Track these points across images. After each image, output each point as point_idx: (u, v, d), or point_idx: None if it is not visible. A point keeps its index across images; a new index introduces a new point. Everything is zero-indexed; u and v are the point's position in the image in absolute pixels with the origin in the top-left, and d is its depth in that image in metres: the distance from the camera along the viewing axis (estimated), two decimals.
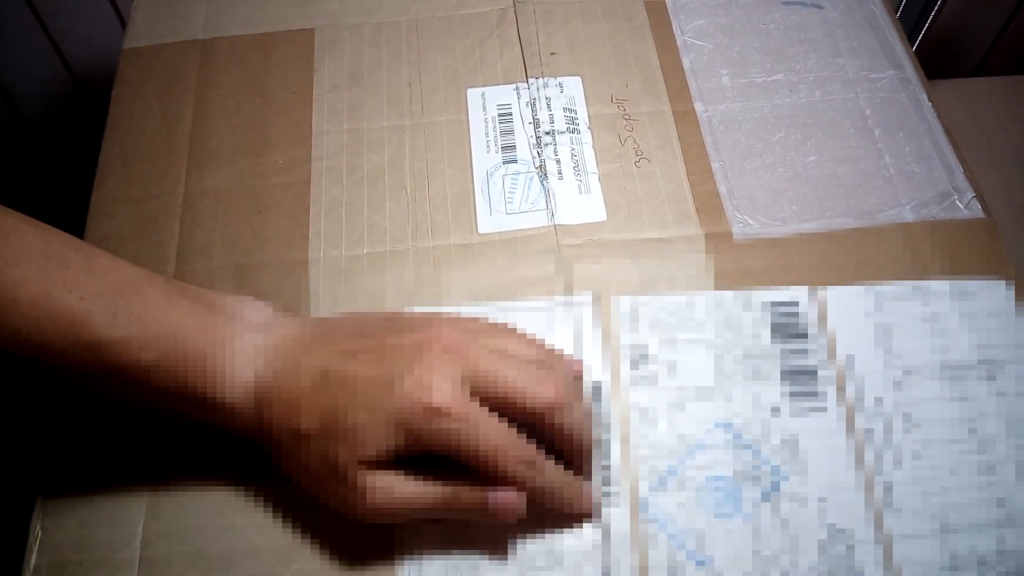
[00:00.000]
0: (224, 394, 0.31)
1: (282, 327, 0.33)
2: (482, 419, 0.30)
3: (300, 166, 0.43)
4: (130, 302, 0.30)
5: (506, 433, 0.30)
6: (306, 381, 0.31)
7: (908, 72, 0.46)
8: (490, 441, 0.30)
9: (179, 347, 0.30)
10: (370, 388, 0.30)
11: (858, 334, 0.37)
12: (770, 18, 0.48)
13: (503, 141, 0.43)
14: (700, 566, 0.33)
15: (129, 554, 0.33)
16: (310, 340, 0.32)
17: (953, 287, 0.38)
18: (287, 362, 0.31)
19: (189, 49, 0.47)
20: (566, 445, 0.32)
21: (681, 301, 0.38)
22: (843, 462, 0.35)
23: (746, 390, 0.36)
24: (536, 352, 0.33)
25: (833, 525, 0.33)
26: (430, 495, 0.31)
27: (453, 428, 0.29)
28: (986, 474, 0.34)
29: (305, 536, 0.33)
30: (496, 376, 0.30)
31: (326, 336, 0.33)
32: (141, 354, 0.30)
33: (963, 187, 0.41)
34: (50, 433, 0.36)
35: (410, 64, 0.46)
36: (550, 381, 0.31)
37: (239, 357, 0.31)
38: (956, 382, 0.36)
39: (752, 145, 0.43)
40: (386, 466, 0.30)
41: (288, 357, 0.31)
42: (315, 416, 0.30)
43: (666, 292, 0.38)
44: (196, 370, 0.31)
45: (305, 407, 0.30)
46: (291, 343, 0.32)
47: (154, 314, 0.30)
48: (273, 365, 0.31)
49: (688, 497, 0.34)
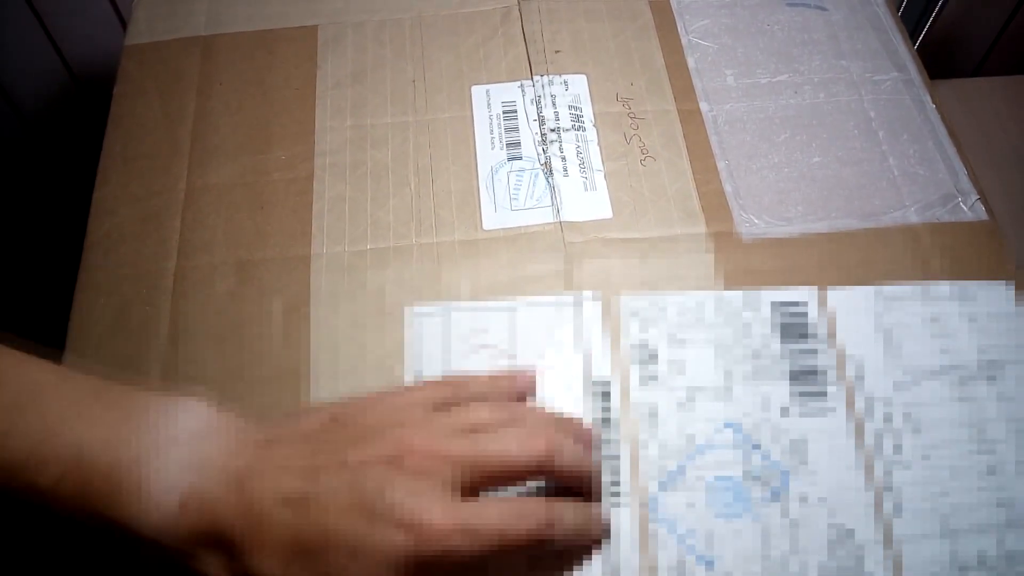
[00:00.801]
0: (140, 521, 0.25)
1: (220, 435, 0.27)
2: (480, 520, 0.26)
3: (303, 162, 0.42)
4: (27, 416, 0.26)
5: (511, 513, 0.27)
6: (257, 509, 0.25)
7: (912, 74, 0.46)
8: (497, 532, 0.26)
9: (82, 465, 0.25)
10: (348, 523, 0.25)
11: (864, 335, 0.37)
12: (774, 19, 0.48)
13: (508, 138, 0.43)
14: (707, 566, 0.32)
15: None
16: (255, 454, 0.27)
17: (956, 289, 0.38)
18: (227, 484, 0.26)
19: (191, 46, 0.47)
20: (574, 482, 0.30)
21: (689, 301, 0.38)
22: (848, 463, 0.34)
23: (754, 390, 0.36)
24: (498, 402, 0.31)
25: (838, 525, 0.33)
26: None
27: (455, 545, 0.25)
28: (990, 475, 0.34)
29: None
30: (479, 462, 0.27)
31: (274, 449, 0.27)
32: (38, 477, 0.25)
33: (967, 189, 0.41)
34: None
35: (414, 61, 0.46)
36: (534, 437, 0.28)
37: (158, 477, 0.25)
38: (961, 384, 0.36)
39: (757, 145, 0.43)
40: None
41: (228, 477, 0.26)
42: (276, 556, 0.25)
43: (674, 291, 0.38)
44: (101, 492, 0.25)
45: (260, 543, 0.25)
46: (231, 458, 0.26)
47: (53, 429, 0.25)
48: (208, 488, 0.26)
49: (696, 497, 0.34)
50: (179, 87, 0.45)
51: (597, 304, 0.38)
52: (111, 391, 0.27)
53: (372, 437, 0.27)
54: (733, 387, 0.36)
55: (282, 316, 0.38)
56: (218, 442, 0.27)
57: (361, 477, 0.26)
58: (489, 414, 0.29)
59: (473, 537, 0.26)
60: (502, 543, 0.26)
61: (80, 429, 0.26)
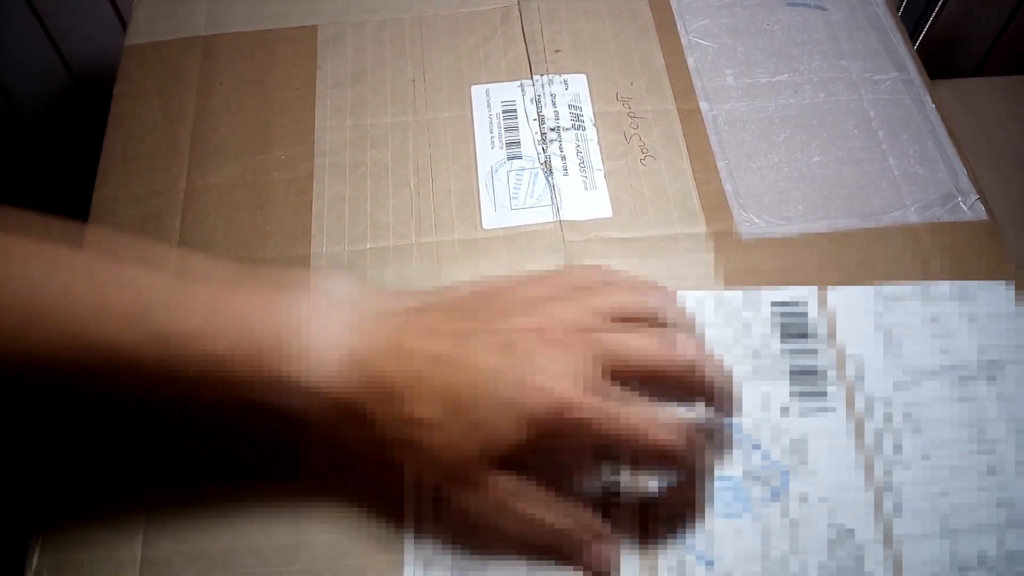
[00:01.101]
0: (309, 378, 0.28)
1: (370, 302, 0.29)
2: (614, 406, 0.27)
3: (303, 162, 0.42)
4: (194, 292, 0.27)
5: (652, 417, 0.28)
6: (416, 366, 0.28)
7: (912, 74, 0.46)
8: (633, 429, 0.27)
9: (253, 331, 0.27)
10: (495, 379, 0.27)
11: (864, 335, 0.37)
12: (774, 19, 0.48)
13: (507, 137, 0.43)
14: (707, 566, 0.32)
15: (131, 553, 0.33)
16: (407, 319, 0.29)
17: (955, 289, 0.38)
18: (386, 343, 0.28)
19: (191, 46, 0.47)
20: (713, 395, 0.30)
21: (689, 300, 0.38)
22: (849, 462, 0.34)
23: (754, 390, 0.36)
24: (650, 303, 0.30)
25: (839, 525, 0.33)
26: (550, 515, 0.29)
27: (587, 420, 0.27)
28: (990, 475, 0.34)
29: (308, 535, 0.33)
30: (628, 353, 0.28)
31: (425, 315, 0.29)
32: (213, 345, 0.27)
33: (967, 189, 0.41)
34: (52, 433, 0.35)
35: (414, 61, 0.46)
36: (687, 342, 0.29)
37: (322, 337, 0.28)
38: (961, 383, 0.36)
39: (757, 145, 0.43)
40: (510, 466, 0.28)
41: (386, 337, 0.28)
42: (434, 405, 0.28)
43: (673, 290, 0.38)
44: (272, 355, 0.27)
45: (419, 394, 0.28)
46: (385, 321, 0.29)
47: (220, 302, 0.27)
48: (368, 346, 0.28)
49: (696, 499, 0.34)
50: (179, 87, 0.45)
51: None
52: (260, 270, 0.29)
53: (521, 309, 0.29)
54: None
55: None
56: (373, 307, 0.29)
57: (510, 342, 0.28)
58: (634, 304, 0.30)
59: (611, 422, 0.27)
60: (633, 439, 0.28)
61: (245, 301, 0.28)
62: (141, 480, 0.34)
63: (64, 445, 0.35)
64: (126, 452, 0.34)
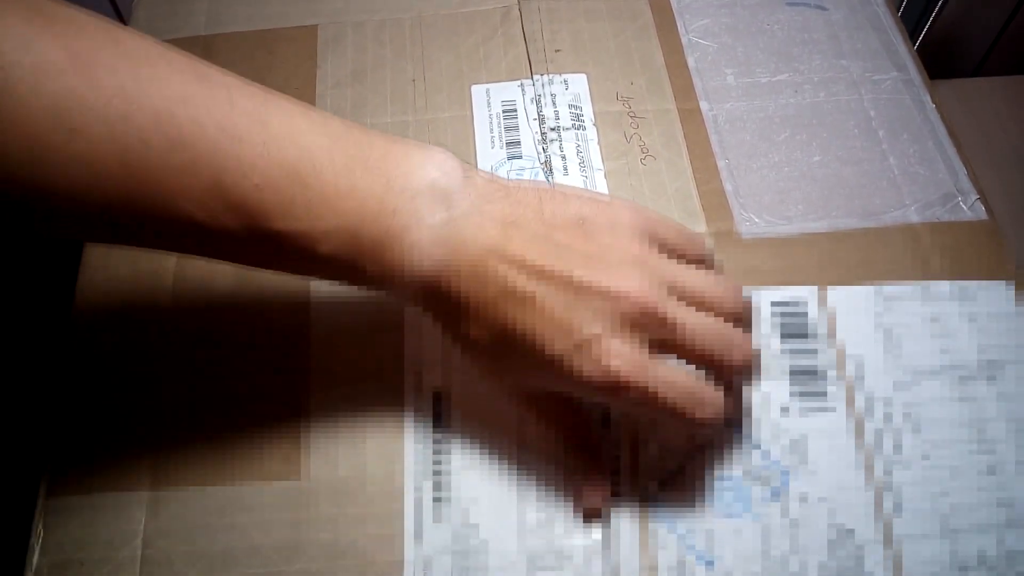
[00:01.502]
0: (398, 283, 0.30)
1: (465, 205, 0.30)
2: (661, 383, 0.29)
3: None
4: (307, 187, 0.28)
5: (691, 394, 0.29)
6: (489, 292, 0.29)
7: (911, 74, 0.46)
8: (671, 406, 0.29)
9: (356, 238, 0.29)
10: (552, 335, 0.29)
11: (865, 334, 0.37)
12: (774, 19, 0.48)
13: (508, 137, 0.43)
14: (708, 566, 0.32)
15: (130, 552, 0.33)
16: (496, 238, 0.29)
17: (955, 288, 0.38)
18: (468, 265, 0.29)
19: (191, 46, 0.47)
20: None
21: None
22: (849, 462, 0.34)
23: (754, 390, 0.36)
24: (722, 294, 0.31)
25: (839, 525, 0.33)
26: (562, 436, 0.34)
27: (632, 398, 0.29)
28: (991, 475, 0.34)
29: (308, 535, 0.33)
30: (686, 339, 0.29)
31: (514, 234, 0.30)
32: (317, 246, 0.29)
33: (967, 189, 0.41)
34: (52, 431, 0.35)
35: (414, 61, 0.46)
36: (743, 345, 0.30)
37: (416, 249, 0.29)
38: (961, 383, 0.36)
39: (757, 144, 0.43)
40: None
41: (472, 260, 0.29)
42: (494, 337, 0.30)
43: None
44: (371, 259, 0.29)
45: (485, 321, 0.29)
46: (476, 237, 0.29)
47: (331, 203, 0.28)
48: (454, 264, 0.29)
49: (696, 497, 0.34)
50: None
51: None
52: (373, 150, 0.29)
53: (603, 264, 0.29)
54: None
55: (282, 318, 0.38)
56: (465, 212, 0.29)
57: (578, 302, 0.29)
58: (707, 287, 0.31)
59: (648, 400, 0.29)
60: (670, 414, 0.29)
61: (352, 204, 0.28)
62: (142, 478, 0.34)
63: (58, 426, 0.35)
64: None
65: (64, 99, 0.25)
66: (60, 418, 0.36)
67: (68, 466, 0.34)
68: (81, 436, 0.35)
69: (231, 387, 0.36)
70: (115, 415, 0.35)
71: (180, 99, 0.27)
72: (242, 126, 0.27)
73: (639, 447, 0.35)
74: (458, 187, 0.30)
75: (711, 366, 0.30)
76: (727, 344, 0.30)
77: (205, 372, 0.36)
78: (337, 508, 0.33)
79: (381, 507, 0.33)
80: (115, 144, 0.26)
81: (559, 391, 0.32)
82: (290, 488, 0.34)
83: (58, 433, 0.35)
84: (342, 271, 0.30)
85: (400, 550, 0.33)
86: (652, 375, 0.29)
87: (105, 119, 0.26)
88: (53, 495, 0.34)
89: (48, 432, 0.35)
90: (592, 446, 0.34)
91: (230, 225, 0.28)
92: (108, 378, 0.36)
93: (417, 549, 0.33)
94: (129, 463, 0.34)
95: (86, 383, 0.36)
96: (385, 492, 0.34)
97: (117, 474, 0.34)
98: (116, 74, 0.26)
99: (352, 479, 0.34)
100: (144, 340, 0.37)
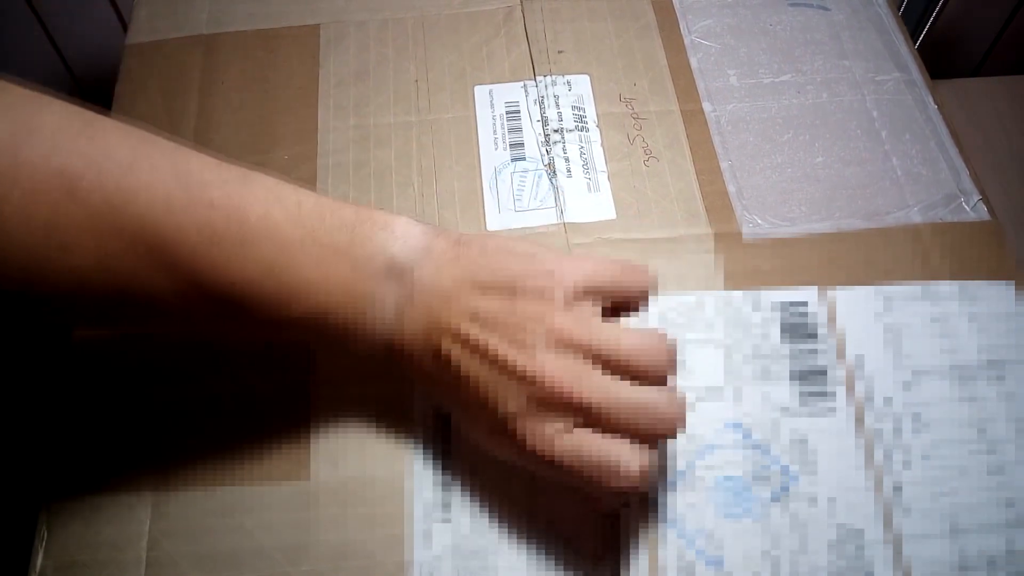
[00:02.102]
0: (363, 349, 0.32)
1: (416, 279, 0.31)
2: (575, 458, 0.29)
3: (306, 162, 0.42)
4: (280, 283, 0.30)
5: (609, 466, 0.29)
6: (430, 363, 0.31)
7: (913, 74, 0.46)
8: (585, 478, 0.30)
9: (323, 319, 0.31)
10: (476, 411, 0.31)
11: (867, 335, 0.37)
12: (776, 19, 0.48)
13: (511, 138, 0.43)
14: (711, 566, 0.32)
15: (135, 554, 0.33)
16: (437, 305, 0.31)
17: (960, 289, 0.38)
18: (415, 333, 0.31)
19: (192, 45, 0.47)
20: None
21: (691, 301, 0.38)
22: (853, 462, 0.34)
23: (756, 390, 0.36)
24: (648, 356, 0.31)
25: (843, 525, 0.33)
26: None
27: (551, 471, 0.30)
28: (995, 475, 0.34)
29: (314, 535, 0.33)
30: (605, 418, 0.29)
31: (452, 305, 0.31)
32: (288, 328, 0.31)
33: (969, 189, 0.42)
34: (55, 434, 0.35)
35: (416, 61, 0.46)
36: (669, 413, 0.30)
37: (373, 325, 0.31)
38: (964, 383, 0.36)
39: (760, 145, 0.43)
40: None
41: (416, 327, 0.31)
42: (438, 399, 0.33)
43: (676, 292, 0.38)
44: (338, 336, 0.31)
45: (430, 386, 0.33)
46: (421, 307, 0.31)
47: (303, 295, 0.30)
48: (406, 333, 0.31)
49: (699, 497, 0.34)
50: (181, 86, 0.45)
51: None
52: (342, 233, 0.31)
53: (525, 343, 0.30)
54: (736, 387, 0.36)
55: None
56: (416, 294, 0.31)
57: (500, 381, 0.30)
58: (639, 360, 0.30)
59: (564, 473, 0.30)
60: (586, 485, 0.30)
61: (322, 297, 0.30)
62: (146, 480, 0.34)
63: (62, 428, 0.35)
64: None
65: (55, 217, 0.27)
66: (64, 419, 0.35)
67: (72, 468, 0.34)
68: (85, 437, 0.35)
69: (237, 388, 0.36)
70: (119, 416, 0.35)
71: (164, 207, 0.28)
72: (221, 227, 0.29)
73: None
74: (415, 261, 0.31)
75: (636, 435, 0.30)
76: (651, 417, 0.29)
77: (211, 373, 0.36)
78: (343, 509, 0.33)
79: (387, 508, 0.33)
80: (101, 255, 0.28)
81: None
82: (296, 489, 0.34)
83: (62, 434, 0.35)
84: (309, 339, 0.34)
85: (407, 551, 0.33)
86: (565, 451, 0.29)
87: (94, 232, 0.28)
88: (57, 496, 0.34)
89: (52, 433, 0.35)
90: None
91: (204, 312, 0.30)
92: (112, 379, 0.36)
93: (424, 550, 0.33)
94: (133, 464, 0.34)
95: (91, 384, 0.36)
96: (391, 493, 0.34)
97: (121, 476, 0.34)
98: (103, 189, 0.28)
99: (358, 480, 0.34)
100: (149, 339, 0.37)
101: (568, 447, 0.29)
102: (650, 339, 0.31)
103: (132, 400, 0.36)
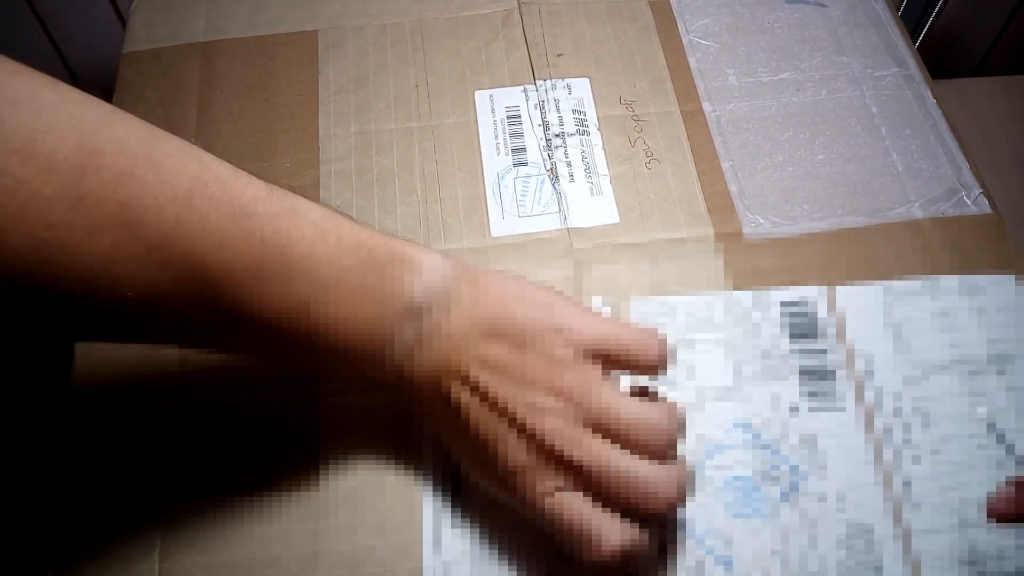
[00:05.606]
0: (380, 383, 0.32)
1: (434, 321, 0.31)
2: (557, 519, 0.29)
3: (308, 169, 0.42)
4: (315, 311, 0.30)
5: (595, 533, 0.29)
6: (439, 404, 0.31)
7: (912, 69, 0.46)
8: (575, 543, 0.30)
9: (345, 355, 0.31)
10: (478, 457, 0.31)
11: (873, 331, 0.37)
12: (774, 17, 0.48)
13: (513, 143, 0.43)
14: (726, 567, 0.33)
15: (148, 565, 0.33)
16: (449, 349, 0.31)
17: (963, 283, 0.39)
18: (426, 374, 0.31)
19: (190, 52, 0.47)
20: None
21: (698, 303, 0.38)
22: (862, 459, 0.35)
23: (764, 390, 0.36)
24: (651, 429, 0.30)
25: (853, 521, 0.33)
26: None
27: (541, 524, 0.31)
28: (1002, 469, 0.35)
29: (327, 544, 0.33)
30: (598, 484, 0.29)
31: (463, 350, 0.31)
32: (312, 355, 0.32)
33: (970, 183, 0.42)
34: (64, 442, 0.35)
35: (416, 66, 0.46)
36: (665, 490, 0.29)
37: (390, 362, 0.31)
38: (970, 377, 0.36)
39: (761, 144, 0.43)
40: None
41: (430, 368, 0.31)
42: (446, 440, 0.33)
43: (682, 293, 0.38)
44: (359, 364, 0.31)
45: (440, 426, 0.33)
46: (435, 348, 0.31)
47: (330, 334, 0.30)
48: (418, 373, 0.31)
49: (709, 498, 0.34)
50: (180, 94, 0.45)
51: (607, 309, 0.38)
52: (373, 272, 0.31)
53: (528, 397, 0.30)
54: (744, 387, 0.36)
55: None
56: (431, 337, 0.31)
57: (500, 431, 0.30)
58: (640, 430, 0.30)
59: (549, 528, 0.30)
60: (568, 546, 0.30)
61: (348, 335, 0.30)
62: (158, 491, 0.34)
63: (71, 436, 0.35)
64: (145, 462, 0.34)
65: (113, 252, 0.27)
66: (72, 430, 0.35)
67: (82, 478, 0.34)
68: (94, 449, 0.35)
69: (246, 397, 0.36)
70: (129, 427, 0.35)
71: (217, 242, 0.28)
72: (267, 264, 0.29)
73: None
74: (435, 303, 0.31)
75: (627, 508, 0.29)
76: (644, 492, 0.29)
77: (220, 381, 0.36)
78: (355, 517, 0.33)
79: (399, 515, 0.34)
80: (149, 286, 0.27)
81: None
82: (308, 497, 0.34)
83: (72, 443, 0.35)
84: (322, 368, 0.35)
85: (419, 557, 0.33)
86: (552, 510, 0.29)
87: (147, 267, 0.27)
88: (67, 508, 0.34)
89: (61, 440, 0.35)
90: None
91: (232, 339, 0.31)
92: (121, 386, 0.36)
93: (436, 556, 0.33)
94: (144, 477, 0.34)
95: (97, 388, 0.36)
96: (403, 500, 0.34)
97: (133, 486, 0.34)
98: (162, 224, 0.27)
99: (370, 487, 0.34)
100: (158, 351, 0.37)
101: (554, 507, 0.29)
102: (653, 410, 0.30)
103: (142, 412, 0.36)
